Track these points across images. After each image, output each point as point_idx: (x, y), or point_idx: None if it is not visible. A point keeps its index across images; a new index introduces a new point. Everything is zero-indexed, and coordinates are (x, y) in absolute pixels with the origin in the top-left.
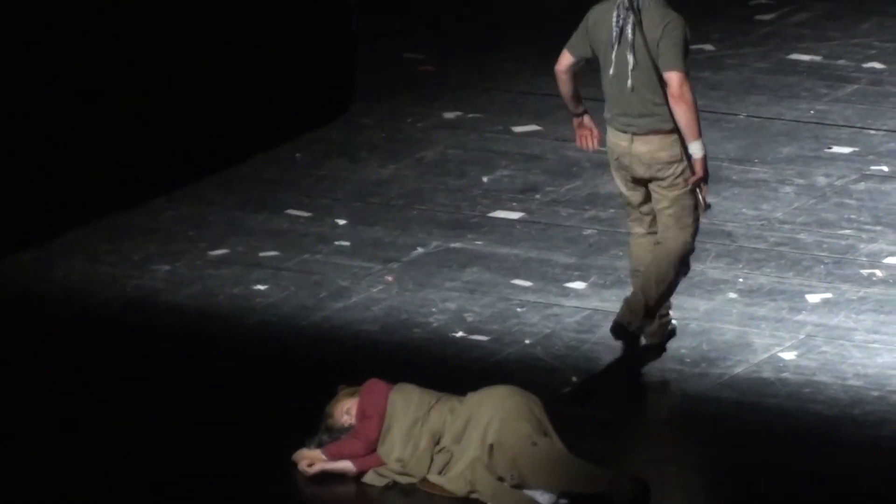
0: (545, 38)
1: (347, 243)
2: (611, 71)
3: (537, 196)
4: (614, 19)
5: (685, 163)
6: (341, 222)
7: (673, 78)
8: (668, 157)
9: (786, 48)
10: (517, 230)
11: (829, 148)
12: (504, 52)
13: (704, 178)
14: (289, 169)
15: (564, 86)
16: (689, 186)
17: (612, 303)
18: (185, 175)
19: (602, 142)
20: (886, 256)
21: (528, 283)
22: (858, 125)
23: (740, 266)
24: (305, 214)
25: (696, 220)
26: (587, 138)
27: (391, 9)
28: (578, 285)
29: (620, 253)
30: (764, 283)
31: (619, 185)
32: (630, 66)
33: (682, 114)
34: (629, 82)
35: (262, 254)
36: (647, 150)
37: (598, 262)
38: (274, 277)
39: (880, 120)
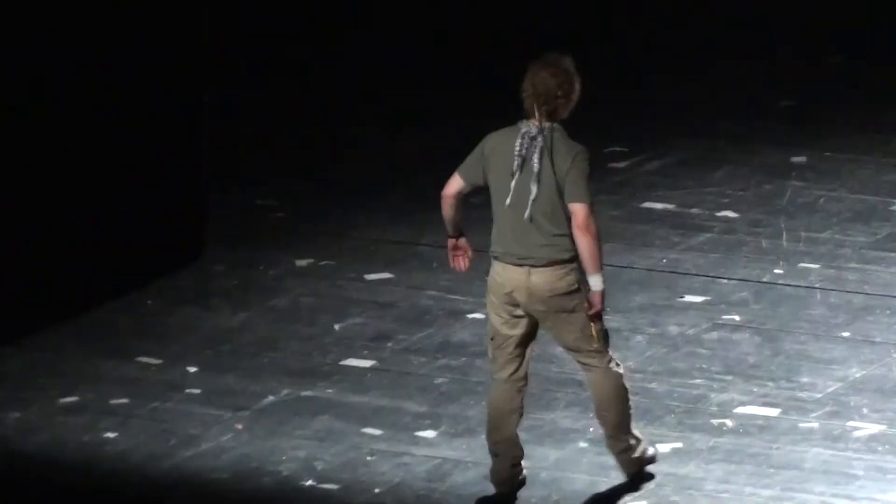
0: (397, 187)
1: (198, 391)
2: (507, 200)
3: (389, 344)
4: (517, 148)
5: (583, 290)
6: (192, 370)
7: (580, 210)
8: (566, 287)
9: (639, 196)
10: (368, 378)
11: (682, 297)
12: (356, 199)
13: (599, 313)
14: (140, 316)
15: (450, 210)
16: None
17: (462, 451)
18: (35, 322)
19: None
20: (737, 406)
21: (378, 432)
22: (711, 274)
23: (591, 415)
24: (156, 362)
25: (606, 340)
26: (461, 259)
27: (243, 156)
28: (429, 434)
29: (472, 401)
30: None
31: (497, 322)
32: (532, 196)
33: (587, 246)
34: (527, 212)
35: (112, 401)
36: (544, 280)
37: (450, 410)
38: (124, 425)
39: (732, 269)
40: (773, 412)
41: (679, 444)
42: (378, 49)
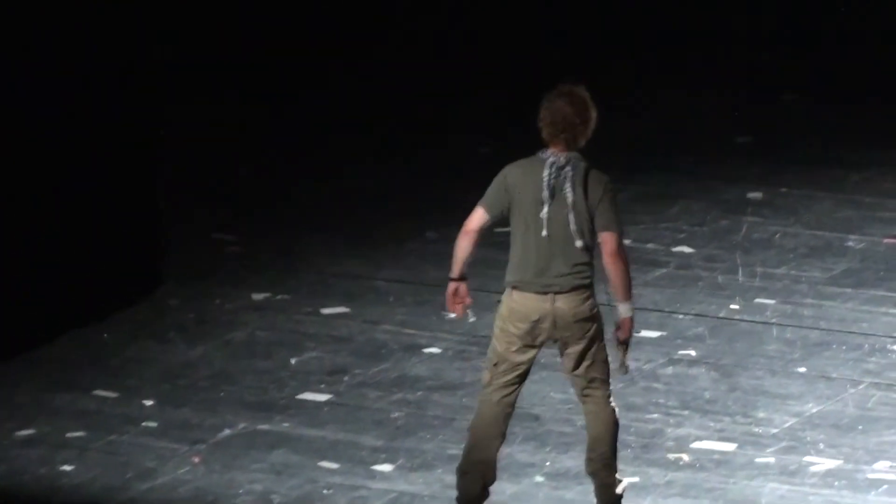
0: (353, 221)
1: (155, 424)
2: (543, 232)
3: (345, 378)
4: (545, 178)
5: (601, 316)
6: (149, 403)
7: (612, 238)
8: (588, 311)
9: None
10: (325, 412)
11: (638, 332)
12: (312, 234)
13: (628, 340)
14: (96, 349)
15: (469, 247)
16: (613, 342)
17: (418, 486)
18: None
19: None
20: (693, 441)
21: (335, 466)
22: (667, 309)
23: (547, 449)
24: (113, 395)
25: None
26: (461, 307)
27: (199, 189)
28: (385, 468)
29: (428, 436)
30: (571, 466)
31: (507, 349)
32: (571, 226)
33: (619, 273)
34: (559, 240)
35: (68, 434)
36: (569, 306)
37: (406, 444)
38: (80, 458)
39: (688, 304)
40: (730, 447)
41: (636, 479)
42: (338, 84)
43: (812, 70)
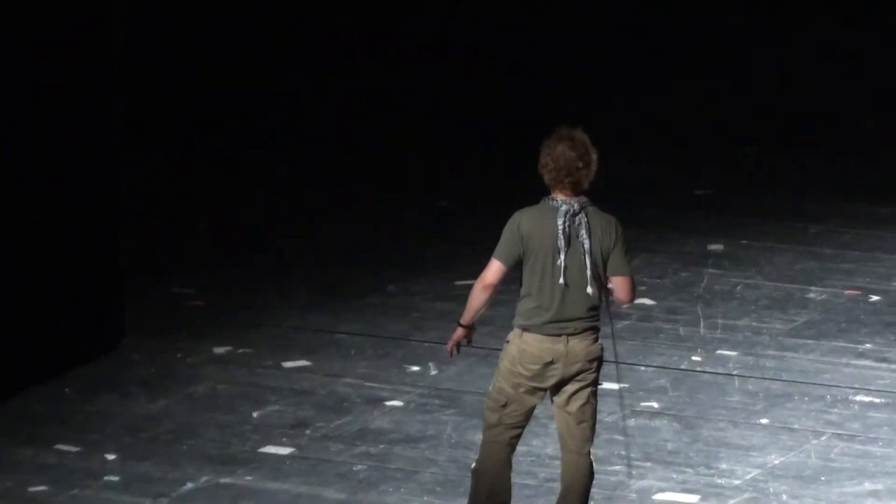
0: (314, 275)
1: (117, 478)
2: (560, 280)
3: (307, 431)
4: (561, 227)
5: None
6: (111, 457)
7: (625, 282)
8: (599, 350)
9: None
10: (287, 466)
11: (600, 384)
12: (273, 287)
13: None
14: (58, 403)
15: (488, 300)
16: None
17: None
18: None
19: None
20: (656, 492)
21: None
22: (629, 361)
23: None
24: (74, 449)
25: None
26: (456, 353)
27: (160, 244)
28: None
29: (391, 489)
30: None
31: (516, 391)
32: (586, 271)
33: None
34: (575, 286)
35: (31, 489)
36: (583, 346)
37: (369, 497)
38: None
39: (650, 356)
40: (693, 499)
41: None
42: (292, 137)
43: (771, 123)
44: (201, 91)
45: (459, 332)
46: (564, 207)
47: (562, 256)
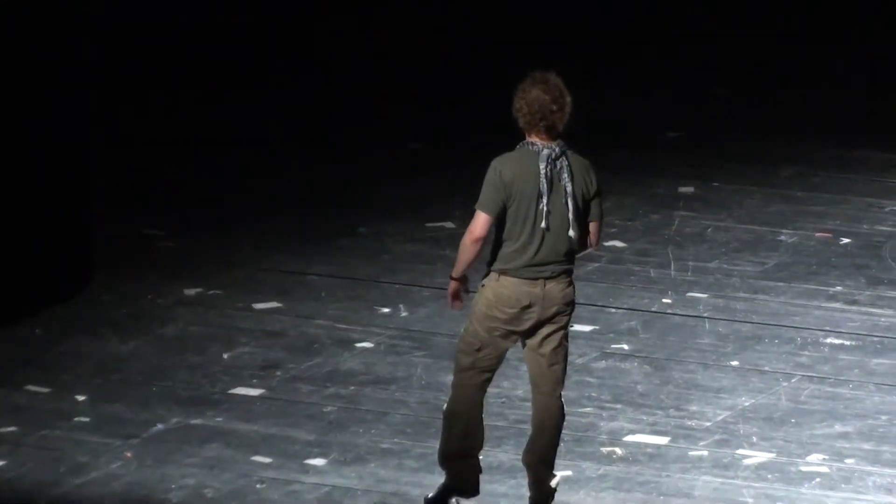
0: (285, 217)
1: (87, 419)
2: (542, 224)
3: (278, 373)
4: (543, 171)
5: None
6: (81, 398)
7: (597, 227)
8: (572, 293)
9: None
10: (257, 407)
11: (571, 326)
12: (245, 229)
13: None
14: (28, 345)
15: (477, 252)
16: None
17: (351, 479)
18: None
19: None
20: (627, 434)
21: (267, 460)
22: (599, 303)
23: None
24: (45, 390)
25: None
26: (460, 304)
27: (130, 185)
28: (318, 462)
29: (361, 430)
30: (504, 460)
31: (491, 334)
32: (569, 215)
33: None
34: (557, 231)
35: (1, 429)
36: (559, 289)
37: (339, 438)
38: (13, 453)
39: (620, 298)
40: (663, 440)
41: (569, 473)
42: (271, 81)
43: (742, 65)
44: (176, 33)
45: (453, 285)
46: (546, 151)
47: (544, 200)
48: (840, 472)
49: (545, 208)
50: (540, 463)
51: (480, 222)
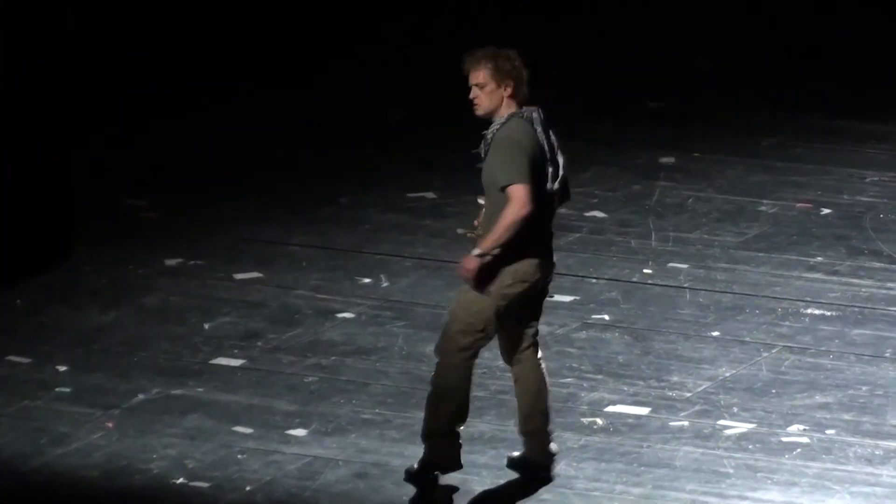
0: (266, 187)
1: (68, 389)
2: (555, 186)
3: (259, 343)
4: (541, 135)
5: None
6: (62, 368)
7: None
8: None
9: None
10: (238, 377)
11: (551, 296)
12: (225, 200)
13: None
14: (9, 315)
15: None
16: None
17: (332, 450)
18: None
19: None
20: (607, 405)
21: (249, 430)
22: (580, 274)
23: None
24: (26, 361)
25: None
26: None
27: (112, 156)
28: (300, 432)
29: (342, 400)
30: (485, 430)
31: (503, 317)
32: (561, 174)
33: None
34: (560, 198)
35: None
36: (552, 265)
37: (320, 409)
38: None
39: (601, 269)
40: (644, 411)
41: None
42: (248, 50)
43: (724, 34)
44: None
45: (476, 262)
46: (536, 115)
47: (550, 166)
48: (821, 442)
49: (550, 173)
50: (543, 425)
51: (527, 194)
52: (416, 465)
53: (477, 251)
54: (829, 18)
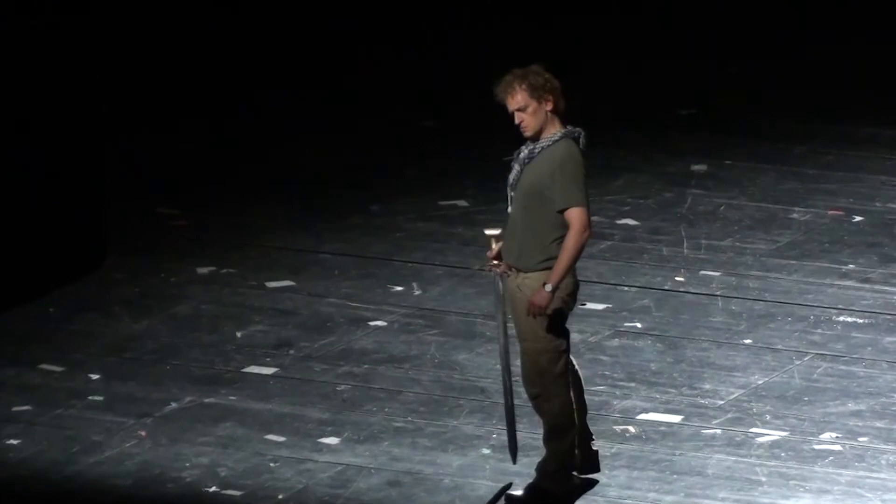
0: (298, 195)
1: (101, 398)
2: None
3: (291, 351)
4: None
5: None
6: (95, 377)
7: None
8: None
9: None
10: (271, 385)
11: (583, 304)
12: (257, 208)
13: None
14: (42, 323)
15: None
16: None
17: (365, 458)
18: None
19: None
20: (640, 412)
21: (281, 439)
22: (612, 282)
23: (494, 422)
24: (58, 369)
25: None
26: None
27: (144, 164)
28: (332, 440)
29: (374, 408)
30: (518, 438)
31: (565, 332)
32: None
33: None
34: None
35: (14, 408)
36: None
37: (352, 417)
38: (27, 432)
39: (633, 276)
40: (676, 419)
41: None
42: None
43: (756, 41)
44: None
45: (549, 298)
46: (583, 139)
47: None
48: (853, 450)
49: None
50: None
51: (587, 218)
52: (521, 492)
53: (549, 287)
54: (862, 25)
